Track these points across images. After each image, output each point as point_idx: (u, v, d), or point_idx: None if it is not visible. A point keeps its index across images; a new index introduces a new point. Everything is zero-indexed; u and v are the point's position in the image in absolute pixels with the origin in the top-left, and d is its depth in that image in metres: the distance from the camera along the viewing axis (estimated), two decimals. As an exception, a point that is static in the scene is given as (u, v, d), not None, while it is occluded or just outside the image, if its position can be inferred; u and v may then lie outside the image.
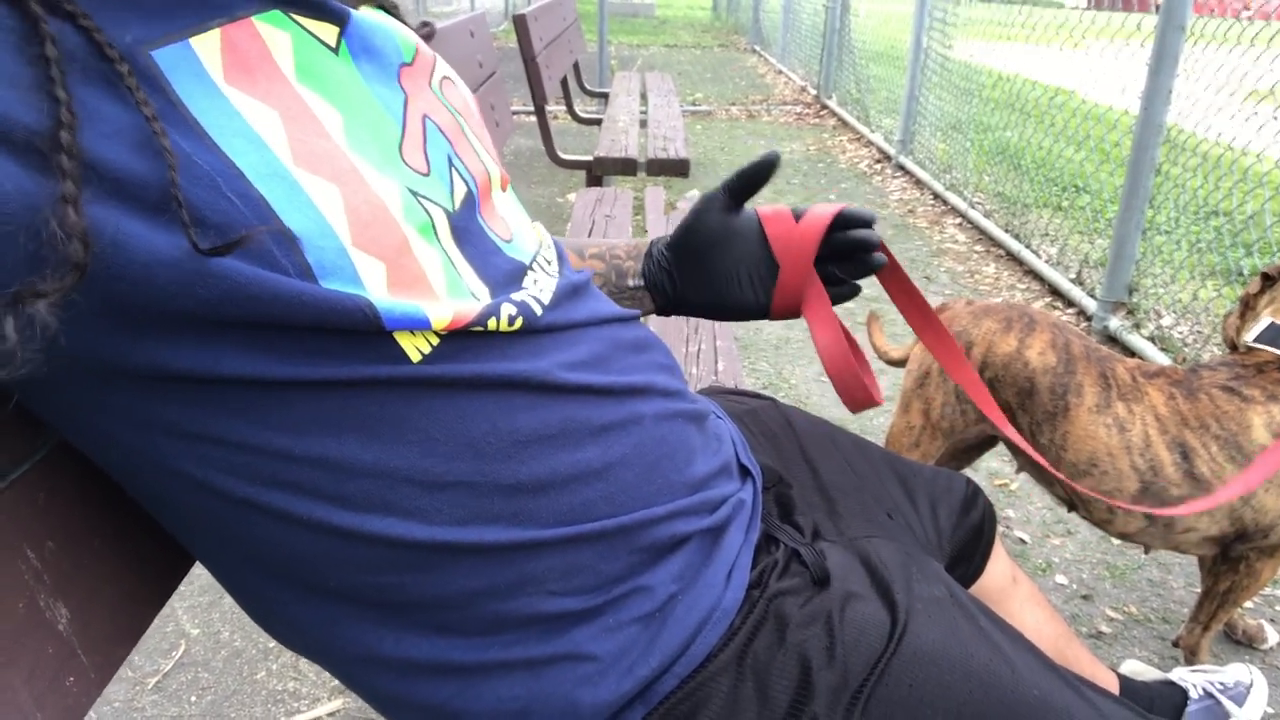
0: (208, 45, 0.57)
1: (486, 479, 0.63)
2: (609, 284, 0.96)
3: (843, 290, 0.94)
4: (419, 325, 0.60)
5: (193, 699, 1.58)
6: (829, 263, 0.93)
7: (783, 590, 0.74)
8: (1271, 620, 1.80)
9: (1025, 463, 1.61)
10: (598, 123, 4.65)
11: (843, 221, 0.91)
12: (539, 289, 0.71)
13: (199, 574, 1.82)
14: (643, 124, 4.32)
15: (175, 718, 1.54)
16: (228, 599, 1.82)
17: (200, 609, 1.79)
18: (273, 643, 1.70)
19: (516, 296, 0.67)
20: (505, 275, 0.70)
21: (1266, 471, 1.25)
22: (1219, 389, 1.40)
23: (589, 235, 2.43)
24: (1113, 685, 1.27)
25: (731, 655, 0.69)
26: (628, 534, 0.68)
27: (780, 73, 9.86)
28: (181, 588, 0.64)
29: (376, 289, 0.58)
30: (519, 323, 0.66)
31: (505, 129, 2.69)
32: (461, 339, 0.63)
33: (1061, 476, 1.12)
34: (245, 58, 0.59)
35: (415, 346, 0.60)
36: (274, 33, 0.61)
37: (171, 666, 1.65)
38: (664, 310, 0.98)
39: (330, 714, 1.55)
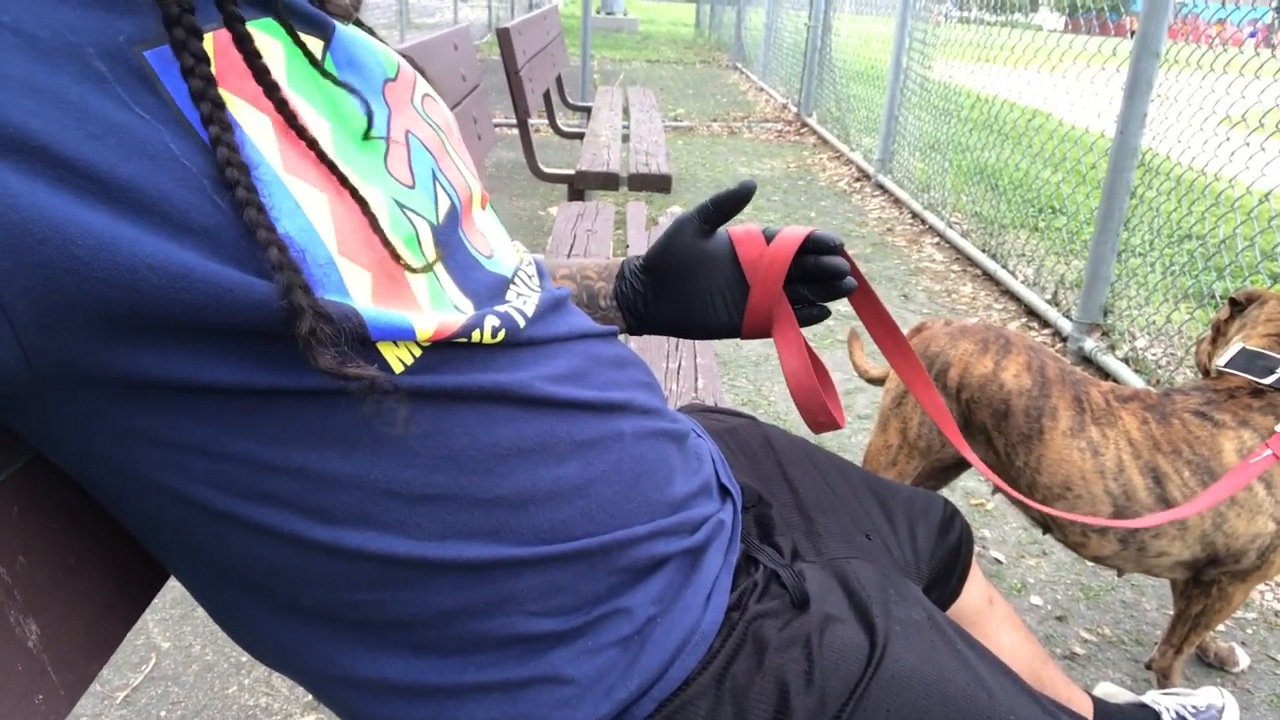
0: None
1: (466, 493, 0.63)
2: (580, 304, 0.97)
3: (813, 312, 0.95)
4: (404, 335, 0.59)
5: (162, 714, 1.56)
6: (800, 284, 0.94)
7: (762, 613, 0.74)
8: (1243, 644, 1.82)
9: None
10: (580, 137, 4.67)
11: (812, 246, 0.91)
12: (522, 302, 0.71)
13: (171, 586, 1.79)
14: (625, 139, 4.33)
15: (143, 733, 1.52)
16: (200, 612, 1.79)
17: (172, 622, 1.77)
18: (245, 657, 1.68)
19: (500, 309, 0.68)
20: (487, 289, 0.70)
21: (1233, 488, 1.27)
22: (1191, 414, 1.41)
23: (570, 249, 2.43)
24: (1086, 708, 1.27)
25: (710, 679, 0.69)
26: (607, 554, 0.68)
27: (761, 90, 9.92)
28: (153, 600, 0.63)
29: (362, 299, 0.58)
30: (502, 334, 0.66)
31: (487, 141, 2.69)
32: (444, 351, 0.63)
33: (1031, 503, 1.13)
34: (238, 62, 0.58)
35: (398, 357, 0.60)
36: (267, 40, 0.61)
37: (141, 680, 1.63)
38: (635, 330, 0.98)
39: (302, 730, 1.53)
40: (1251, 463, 1.31)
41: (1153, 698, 1.48)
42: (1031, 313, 3.56)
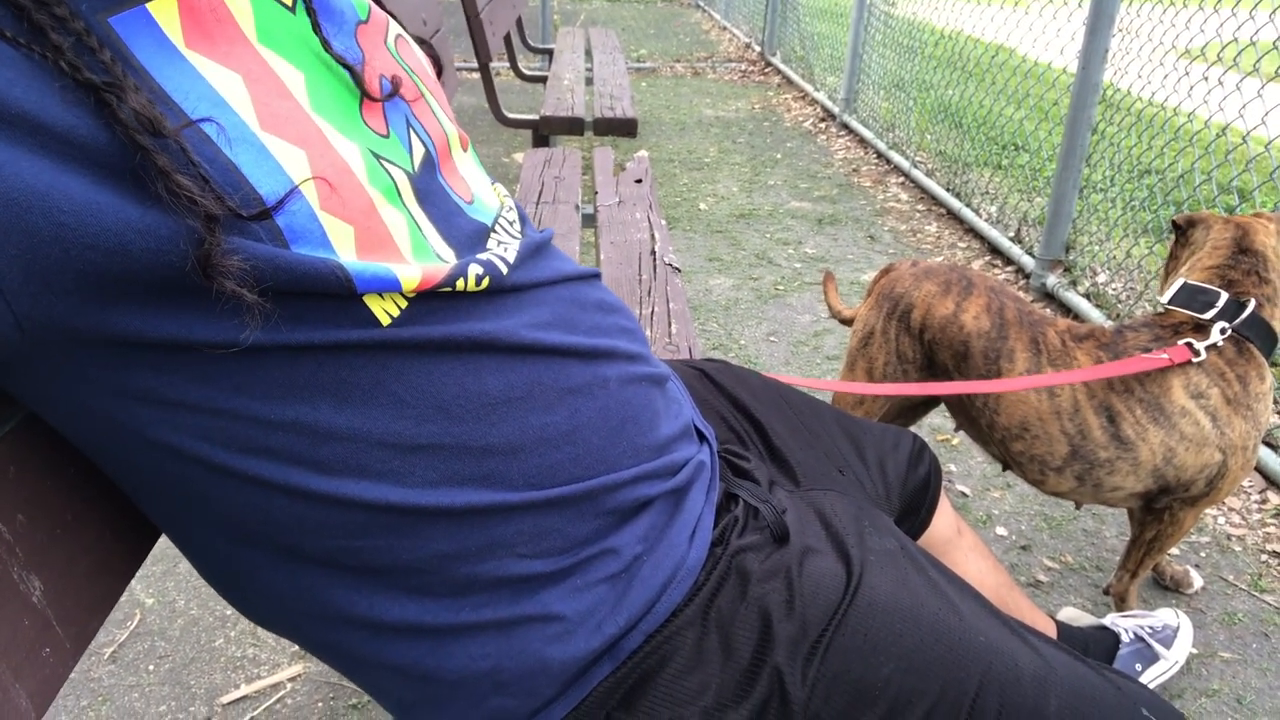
0: (166, 10, 0.57)
1: (457, 441, 0.64)
2: None
3: None
4: (389, 287, 0.60)
5: (150, 668, 1.58)
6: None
7: (744, 546, 0.77)
8: (1197, 566, 1.90)
9: (962, 422, 1.67)
10: (542, 80, 4.60)
11: None
12: (503, 249, 0.72)
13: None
14: (588, 82, 4.28)
15: (133, 687, 1.54)
16: (183, 566, 1.81)
17: (155, 578, 1.78)
18: (230, 609, 1.70)
19: (482, 256, 0.69)
20: (469, 236, 0.71)
21: (1113, 372, 1.38)
22: (1142, 351, 1.45)
23: (538, 196, 2.42)
24: (1051, 631, 1.33)
25: (696, 610, 0.72)
26: (595, 497, 0.70)
27: (724, 29, 9.80)
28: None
29: (346, 252, 0.59)
30: (486, 282, 0.67)
31: (450, 87, 2.65)
32: (430, 301, 0.64)
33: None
34: (205, 20, 0.59)
35: (385, 310, 0.61)
36: None
37: (127, 636, 1.64)
38: None
39: (291, 679, 1.56)
40: (1143, 357, 1.38)
41: (1112, 620, 1.55)
42: (995, 250, 3.60)
